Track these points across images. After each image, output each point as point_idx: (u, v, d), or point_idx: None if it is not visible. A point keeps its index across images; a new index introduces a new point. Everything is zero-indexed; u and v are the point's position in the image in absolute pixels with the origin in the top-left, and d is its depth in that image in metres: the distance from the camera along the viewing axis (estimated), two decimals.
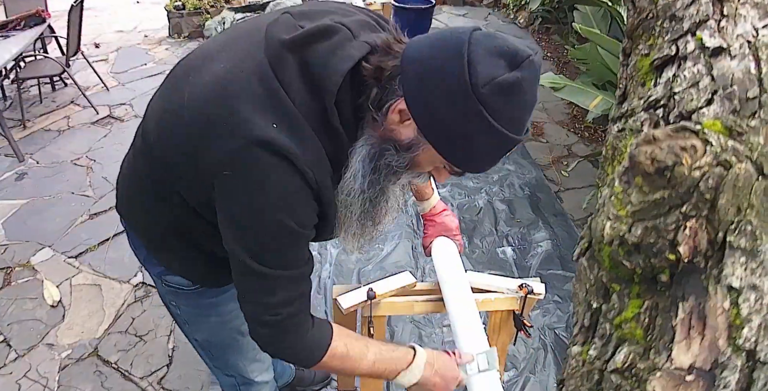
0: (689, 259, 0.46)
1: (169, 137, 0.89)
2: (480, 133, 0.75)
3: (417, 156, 0.84)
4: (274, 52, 0.81)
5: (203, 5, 5.20)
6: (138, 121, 3.84)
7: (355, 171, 0.86)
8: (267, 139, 0.77)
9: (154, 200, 1.01)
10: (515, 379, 2.04)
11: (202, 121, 0.82)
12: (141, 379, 2.05)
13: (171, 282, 1.16)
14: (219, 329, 1.26)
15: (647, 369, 0.47)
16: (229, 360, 1.36)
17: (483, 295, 1.29)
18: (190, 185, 0.90)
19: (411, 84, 0.77)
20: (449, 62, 0.73)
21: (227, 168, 0.80)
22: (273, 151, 0.77)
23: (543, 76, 3.11)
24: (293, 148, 0.78)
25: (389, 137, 0.83)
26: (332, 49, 0.81)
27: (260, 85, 0.80)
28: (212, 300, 1.19)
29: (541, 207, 2.96)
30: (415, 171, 0.89)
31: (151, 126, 0.96)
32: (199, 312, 1.23)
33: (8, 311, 2.33)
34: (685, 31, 0.59)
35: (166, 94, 0.94)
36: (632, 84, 0.68)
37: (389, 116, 0.81)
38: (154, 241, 1.10)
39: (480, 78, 0.72)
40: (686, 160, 0.44)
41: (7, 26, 3.56)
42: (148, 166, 0.99)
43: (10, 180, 3.18)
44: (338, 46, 0.81)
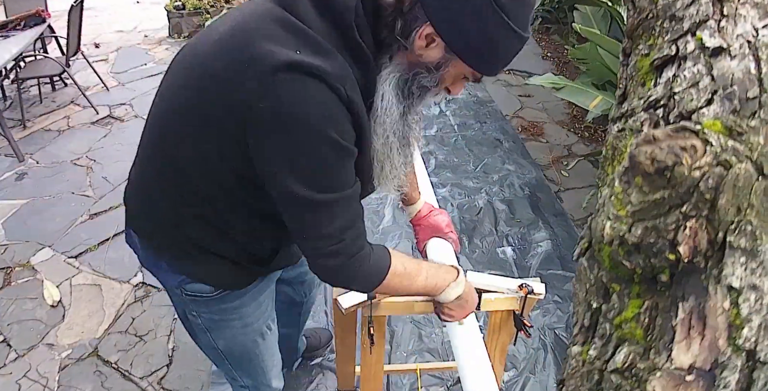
0: (689, 259, 0.46)
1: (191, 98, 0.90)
2: (504, 38, 0.85)
3: (445, 73, 0.91)
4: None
5: (203, 5, 5.20)
6: (138, 121, 3.80)
7: (389, 98, 0.91)
8: (292, 61, 0.79)
9: (177, 193, 1.00)
10: (515, 379, 2.04)
11: (224, 66, 0.84)
12: (141, 379, 2.05)
13: (191, 291, 1.14)
14: (241, 333, 1.26)
15: (647, 369, 0.47)
16: (248, 367, 1.37)
17: (483, 295, 1.29)
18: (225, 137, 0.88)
19: (435, 9, 0.83)
20: None
21: (260, 100, 0.81)
22: (301, 71, 0.79)
23: (543, 77, 3.12)
24: (321, 66, 0.80)
25: (418, 62, 0.89)
26: None
27: (274, 22, 0.83)
28: (234, 303, 1.19)
29: (541, 207, 2.96)
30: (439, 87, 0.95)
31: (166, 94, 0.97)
32: (221, 318, 1.21)
33: (8, 311, 2.33)
34: (685, 31, 0.59)
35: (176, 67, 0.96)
36: (632, 84, 0.68)
37: (416, 42, 0.86)
38: (174, 249, 1.08)
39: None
40: (686, 160, 0.44)
41: (7, 26, 3.56)
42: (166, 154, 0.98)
43: (10, 180, 3.18)
44: None
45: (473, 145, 3.52)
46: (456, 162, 3.34)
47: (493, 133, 3.65)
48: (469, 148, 3.49)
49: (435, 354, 2.13)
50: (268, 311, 1.31)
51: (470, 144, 3.53)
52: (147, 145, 1.04)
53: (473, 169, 3.28)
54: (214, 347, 1.29)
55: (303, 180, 0.87)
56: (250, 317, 1.24)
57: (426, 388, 2.00)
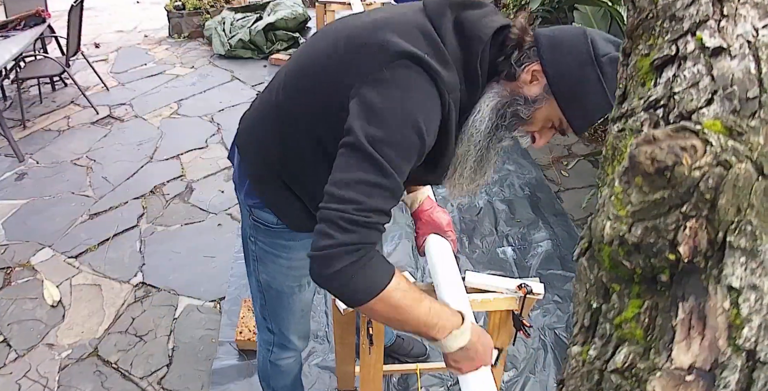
0: (689, 259, 0.46)
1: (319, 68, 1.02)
2: (594, 93, 0.97)
3: (538, 110, 1.02)
4: (436, 8, 0.99)
5: (203, 5, 5.20)
6: (138, 121, 3.80)
7: (483, 113, 1.02)
8: (418, 54, 0.91)
9: (277, 135, 1.11)
10: (515, 379, 2.04)
11: (356, 45, 0.97)
12: (141, 379, 2.05)
13: (258, 217, 1.24)
14: (284, 273, 1.33)
15: (647, 369, 0.47)
16: (279, 310, 1.43)
17: (482, 295, 1.29)
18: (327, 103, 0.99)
19: (546, 51, 0.98)
20: (577, 39, 0.98)
21: (377, 74, 0.91)
22: (420, 65, 0.91)
23: None
24: (440, 70, 0.92)
25: (519, 92, 1.02)
26: (482, 16, 1.01)
27: (416, 28, 0.96)
28: (288, 243, 1.27)
29: (541, 207, 2.96)
30: (528, 127, 1.07)
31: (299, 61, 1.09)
32: (272, 251, 1.29)
33: (8, 311, 2.33)
34: (685, 31, 0.59)
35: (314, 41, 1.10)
36: (632, 84, 0.68)
37: (522, 75, 1.00)
38: (260, 174, 1.19)
39: (600, 51, 0.96)
40: (686, 160, 0.44)
41: (7, 26, 3.56)
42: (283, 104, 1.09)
43: (10, 180, 3.18)
44: (486, 14, 1.02)
45: None
46: None
47: None
48: None
49: (435, 354, 2.13)
50: None
51: None
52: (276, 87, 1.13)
53: None
54: (257, 277, 1.38)
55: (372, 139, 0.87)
56: (297, 262, 1.30)
57: (426, 388, 2.00)
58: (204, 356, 2.14)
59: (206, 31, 5.03)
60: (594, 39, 0.98)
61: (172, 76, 4.46)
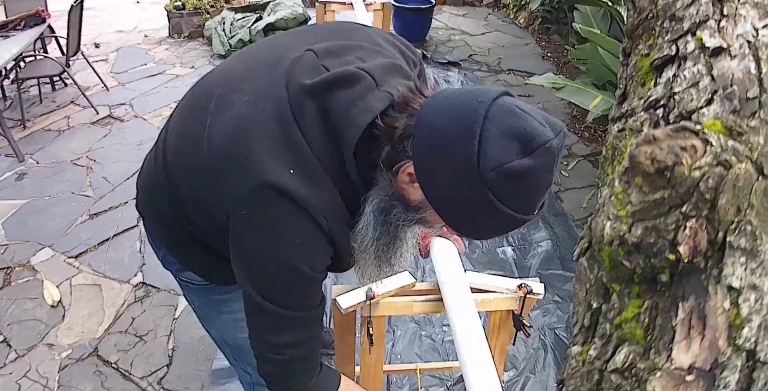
0: (689, 259, 0.46)
1: (189, 167, 0.91)
2: (485, 213, 0.73)
3: (424, 217, 0.83)
4: (295, 96, 0.81)
5: (203, 5, 5.20)
6: (138, 121, 3.78)
7: (368, 222, 0.86)
8: (281, 185, 0.78)
9: (171, 209, 1.01)
10: (515, 379, 2.04)
11: (221, 159, 0.83)
12: (141, 379, 2.05)
13: (185, 278, 1.19)
14: (232, 326, 1.28)
15: (647, 369, 0.47)
16: (245, 356, 1.38)
17: (482, 295, 1.29)
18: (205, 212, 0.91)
19: (421, 151, 0.74)
20: (460, 140, 0.70)
21: (243, 208, 0.81)
22: (287, 197, 0.78)
23: (543, 77, 3.12)
24: (307, 195, 0.79)
25: (400, 195, 0.83)
26: (354, 100, 0.79)
27: (279, 129, 0.80)
28: (223, 296, 1.21)
29: None
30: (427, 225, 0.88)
31: (171, 148, 0.96)
32: (211, 308, 1.26)
33: (8, 311, 2.33)
34: (685, 31, 0.59)
35: (187, 118, 0.95)
36: (632, 84, 0.68)
37: (399, 176, 0.80)
38: (170, 240, 1.12)
39: (488, 162, 0.68)
40: (686, 160, 0.44)
41: (7, 26, 3.55)
42: (167, 183, 0.98)
43: (10, 180, 3.18)
44: (360, 96, 0.79)
45: None
46: None
47: None
48: None
49: (435, 354, 2.13)
50: None
51: None
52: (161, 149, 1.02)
53: None
54: (210, 334, 1.35)
55: (260, 291, 0.87)
56: (240, 313, 1.22)
57: (426, 388, 2.00)
58: (204, 356, 2.13)
59: (206, 31, 5.03)
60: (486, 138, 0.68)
61: (172, 76, 4.46)
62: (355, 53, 0.86)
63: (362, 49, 0.88)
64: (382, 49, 0.91)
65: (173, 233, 1.08)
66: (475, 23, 5.61)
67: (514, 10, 5.71)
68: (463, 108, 0.71)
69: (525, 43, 5.14)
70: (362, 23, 1.09)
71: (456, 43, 5.11)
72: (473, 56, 4.84)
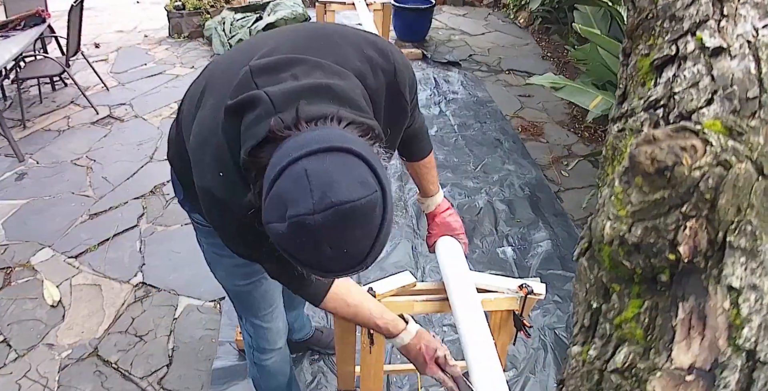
0: (689, 259, 0.46)
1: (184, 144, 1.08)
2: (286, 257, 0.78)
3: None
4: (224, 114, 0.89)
5: (203, 5, 5.20)
6: (138, 121, 3.79)
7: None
8: (211, 190, 0.93)
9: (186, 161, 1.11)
10: (515, 379, 2.04)
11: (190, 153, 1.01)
12: (141, 379, 2.05)
13: (195, 219, 1.30)
14: (232, 272, 1.36)
15: (647, 369, 0.47)
16: (246, 310, 1.45)
17: (483, 295, 1.29)
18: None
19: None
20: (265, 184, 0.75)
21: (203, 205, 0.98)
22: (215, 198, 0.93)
23: (543, 76, 3.12)
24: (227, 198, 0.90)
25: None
26: (250, 124, 0.84)
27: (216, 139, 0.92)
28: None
29: (541, 207, 2.96)
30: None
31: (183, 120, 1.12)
32: (215, 251, 1.32)
33: (8, 311, 2.33)
34: (685, 31, 0.59)
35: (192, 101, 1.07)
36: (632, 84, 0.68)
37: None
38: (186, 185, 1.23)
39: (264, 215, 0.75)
40: (686, 160, 0.44)
41: (7, 26, 3.55)
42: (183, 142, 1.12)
43: (10, 180, 3.18)
44: (254, 121, 0.83)
45: (473, 145, 3.52)
46: (456, 162, 3.34)
47: (493, 133, 3.65)
48: (469, 148, 3.49)
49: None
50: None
51: (470, 144, 3.53)
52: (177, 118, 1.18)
53: (473, 169, 3.28)
54: (216, 278, 1.42)
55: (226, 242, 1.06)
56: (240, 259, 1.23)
57: (426, 388, 2.00)
58: (204, 356, 2.14)
59: (206, 31, 5.03)
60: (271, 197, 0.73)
61: (172, 76, 4.46)
62: (292, 69, 0.90)
63: (304, 64, 0.91)
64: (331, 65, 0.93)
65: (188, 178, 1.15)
66: (475, 23, 5.61)
67: (514, 10, 5.71)
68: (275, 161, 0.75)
69: (525, 43, 5.14)
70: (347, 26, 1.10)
71: (456, 43, 5.11)
72: (473, 56, 4.84)
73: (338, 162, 0.72)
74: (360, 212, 0.71)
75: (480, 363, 1.11)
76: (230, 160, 0.89)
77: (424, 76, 4.42)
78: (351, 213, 0.70)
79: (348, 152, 0.73)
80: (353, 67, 0.95)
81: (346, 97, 0.87)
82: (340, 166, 0.72)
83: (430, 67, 4.58)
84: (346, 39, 1.01)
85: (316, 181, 0.70)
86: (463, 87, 4.27)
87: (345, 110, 0.83)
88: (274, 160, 0.75)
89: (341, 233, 0.71)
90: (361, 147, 0.76)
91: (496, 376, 1.08)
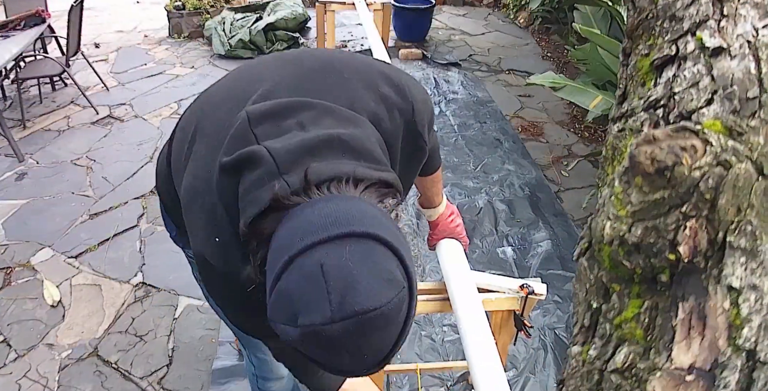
0: (689, 259, 0.46)
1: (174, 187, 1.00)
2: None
3: None
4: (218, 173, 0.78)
5: (203, 5, 5.20)
6: (138, 121, 3.78)
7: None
8: (204, 255, 0.82)
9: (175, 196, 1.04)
10: (515, 379, 2.04)
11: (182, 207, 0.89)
12: (141, 379, 2.05)
13: (190, 254, 1.22)
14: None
15: (647, 369, 0.47)
16: (249, 341, 1.41)
17: (484, 295, 1.29)
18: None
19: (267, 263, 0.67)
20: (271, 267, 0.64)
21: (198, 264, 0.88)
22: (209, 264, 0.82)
23: (543, 76, 3.11)
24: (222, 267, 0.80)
25: None
26: (250, 187, 0.72)
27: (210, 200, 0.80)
28: None
29: (541, 207, 2.96)
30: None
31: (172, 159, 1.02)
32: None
33: (8, 311, 2.33)
34: (685, 31, 0.59)
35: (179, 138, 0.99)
36: (632, 84, 0.68)
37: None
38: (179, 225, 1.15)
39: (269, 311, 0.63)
40: (686, 160, 0.44)
41: (7, 26, 3.55)
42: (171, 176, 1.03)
43: (10, 180, 3.18)
44: (254, 184, 0.72)
45: (473, 145, 3.52)
46: (456, 162, 3.34)
47: (493, 133, 3.65)
48: (469, 148, 3.49)
49: (435, 354, 2.13)
50: None
51: (470, 144, 3.53)
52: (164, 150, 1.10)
53: (473, 169, 3.28)
54: (219, 316, 1.33)
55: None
56: None
57: (426, 388, 2.00)
58: (204, 356, 2.14)
59: (206, 31, 5.03)
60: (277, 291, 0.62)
61: (172, 76, 4.46)
62: (297, 116, 0.78)
63: (311, 109, 0.79)
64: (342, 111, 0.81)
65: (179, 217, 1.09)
66: (475, 23, 5.61)
67: (514, 10, 5.71)
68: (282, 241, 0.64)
69: (525, 43, 5.14)
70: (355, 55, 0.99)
71: (456, 43, 5.11)
72: (473, 56, 4.84)
73: (360, 254, 0.60)
74: (386, 318, 0.60)
75: (480, 363, 1.10)
76: (226, 224, 0.77)
77: (424, 76, 4.42)
78: (376, 320, 0.59)
79: (371, 239, 0.61)
80: (367, 109, 0.84)
81: (361, 148, 0.75)
82: (362, 259, 0.60)
83: (430, 67, 4.58)
84: (358, 75, 0.88)
85: (334, 281, 0.58)
86: (463, 87, 4.27)
87: (361, 166, 0.72)
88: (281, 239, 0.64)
89: (363, 340, 0.60)
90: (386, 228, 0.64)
91: (497, 376, 1.08)
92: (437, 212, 1.42)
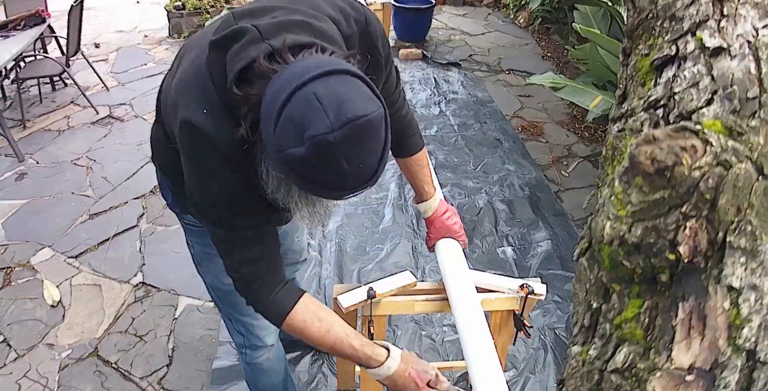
0: (689, 259, 0.46)
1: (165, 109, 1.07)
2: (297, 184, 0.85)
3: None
4: (208, 52, 0.91)
5: (203, 5, 5.20)
6: (138, 121, 3.81)
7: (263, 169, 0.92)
8: (192, 121, 0.90)
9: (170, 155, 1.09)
10: (515, 379, 2.04)
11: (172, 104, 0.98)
12: (141, 379, 2.05)
13: (186, 220, 1.30)
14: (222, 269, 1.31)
15: (647, 369, 0.47)
16: (236, 309, 1.42)
17: (483, 295, 1.29)
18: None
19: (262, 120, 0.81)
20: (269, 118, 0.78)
21: (178, 142, 0.96)
22: (198, 131, 0.90)
23: (543, 76, 3.12)
24: (213, 131, 0.90)
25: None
26: (238, 50, 0.86)
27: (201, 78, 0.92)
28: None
29: (541, 207, 2.96)
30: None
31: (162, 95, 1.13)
32: (207, 252, 1.30)
33: (8, 311, 2.33)
34: (685, 31, 0.59)
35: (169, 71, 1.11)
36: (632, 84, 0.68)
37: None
38: (176, 184, 1.19)
39: (275, 145, 0.78)
40: (686, 160, 0.44)
41: (7, 26, 3.55)
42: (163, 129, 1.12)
43: (10, 180, 3.18)
44: (241, 48, 0.86)
45: (473, 145, 3.52)
46: (456, 162, 3.34)
47: (493, 133, 3.65)
48: (469, 148, 3.49)
49: (435, 354, 2.13)
50: None
51: (470, 144, 3.53)
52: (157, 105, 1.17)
53: (473, 169, 3.28)
54: (205, 281, 1.40)
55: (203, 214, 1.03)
56: None
57: None
58: (204, 356, 2.14)
59: None
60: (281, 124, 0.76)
61: None
62: (272, 13, 0.93)
63: (283, 9, 0.95)
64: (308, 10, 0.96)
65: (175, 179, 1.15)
66: (475, 23, 5.61)
67: (514, 10, 5.71)
68: (282, 85, 0.77)
69: (525, 43, 5.14)
70: None
71: (456, 43, 5.11)
72: (473, 56, 4.84)
73: (342, 83, 0.76)
74: (372, 125, 0.75)
75: (480, 363, 1.11)
76: (215, 96, 0.89)
77: (424, 76, 4.42)
78: (366, 127, 0.75)
79: (348, 74, 0.78)
80: (327, 14, 0.98)
81: (326, 35, 0.91)
82: (345, 86, 0.76)
83: (430, 67, 4.58)
84: None
85: (327, 101, 0.74)
86: (463, 87, 4.27)
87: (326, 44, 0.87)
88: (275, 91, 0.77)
89: (358, 147, 0.76)
90: (356, 68, 0.80)
91: (496, 376, 1.08)
92: (431, 207, 1.42)
